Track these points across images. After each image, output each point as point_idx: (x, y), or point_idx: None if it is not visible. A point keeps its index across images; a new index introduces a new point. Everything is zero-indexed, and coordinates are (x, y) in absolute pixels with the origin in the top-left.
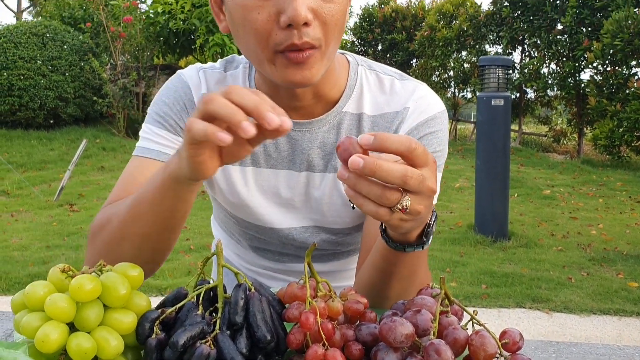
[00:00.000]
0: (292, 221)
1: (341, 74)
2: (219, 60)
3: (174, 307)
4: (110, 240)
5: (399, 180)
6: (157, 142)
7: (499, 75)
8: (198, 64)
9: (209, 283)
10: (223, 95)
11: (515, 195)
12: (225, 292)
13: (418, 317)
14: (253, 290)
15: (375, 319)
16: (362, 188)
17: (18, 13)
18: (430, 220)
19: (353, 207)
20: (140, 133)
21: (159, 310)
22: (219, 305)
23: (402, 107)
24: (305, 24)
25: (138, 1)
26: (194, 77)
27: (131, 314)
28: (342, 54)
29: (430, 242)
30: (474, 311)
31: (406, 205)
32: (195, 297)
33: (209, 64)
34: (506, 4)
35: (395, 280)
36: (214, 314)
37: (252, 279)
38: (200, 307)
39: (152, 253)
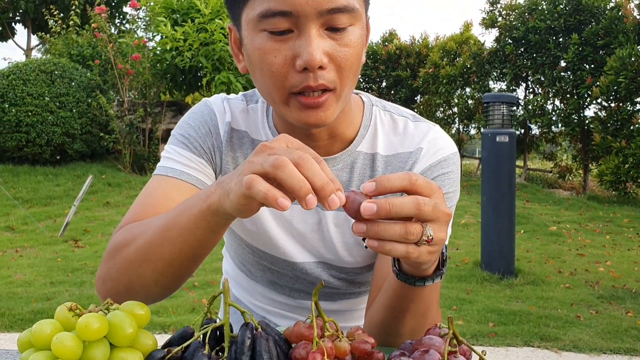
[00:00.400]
0: (305, 255)
1: (356, 114)
2: (240, 92)
3: (180, 347)
4: (133, 259)
5: (414, 209)
6: (180, 162)
7: (503, 112)
8: (223, 94)
9: (215, 322)
10: (293, 162)
11: (522, 231)
12: (231, 331)
13: (426, 357)
14: (260, 329)
15: (383, 359)
16: (385, 232)
17: (27, 50)
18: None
19: (366, 247)
20: (163, 154)
21: (165, 350)
22: (226, 344)
23: (415, 148)
24: (321, 67)
25: (146, 39)
26: (219, 105)
27: (137, 354)
28: (357, 93)
29: (446, 270)
30: (482, 351)
31: (431, 235)
32: (201, 336)
33: (232, 94)
34: (509, 41)
35: (410, 316)
36: (221, 354)
37: (259, 318)
38: (207, 346)
39: (171, 279)
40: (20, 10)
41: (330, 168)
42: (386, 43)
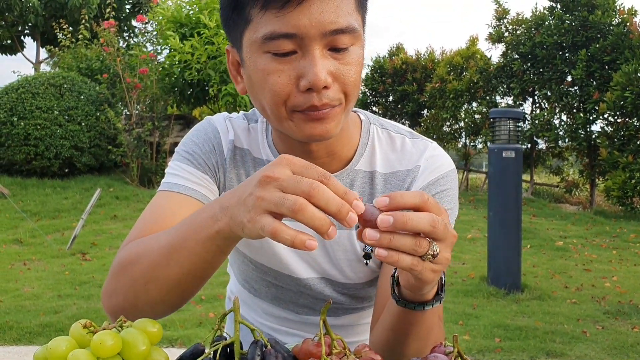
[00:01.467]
0: (309, 271)
1: (354, 132)
2: (241, 112)
3: None
4: (139, 278)
5: (429, 227)
6: (184, 177)
7: (509, 128)
8: (225, 113)
9: (226, 339)
10: (305, 195)
11: (528, 246)
12: (241, 348)
13: None
14: (269, 346)
15: None
16: (396, 242)
17: (36, 64)
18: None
19: (367, 264)
20: (167, 170)
21: None
22: None
23: (413, 166)
24: (325, 87)
25: (155, 53)
26: (222, 123)
27: None
28: (355, 111)
29: (444, 295)
30: None
31: (436, 252)
32: (212, 353)
33: (234, 113)
34: (516, 56)
35: (412, 339)
36: None
37: (268, 335)
38: None
39: (177, 298)
40: (30, 24)
41: None
42: (392, 57)
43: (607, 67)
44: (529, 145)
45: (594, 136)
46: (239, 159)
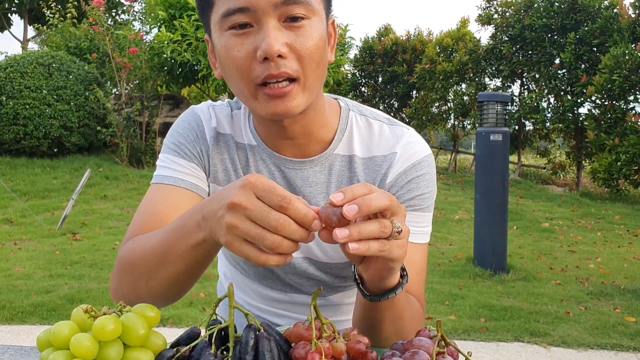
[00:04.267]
0: None
1: (332, 117)
2: (227, 99)
3: (188, 346)
4: (140, 277)
5: (388, 202)
6: (174, 169)
7: (497, 111)
8: (209, 101)
9: (221, 323)
10: (274, 230)
11: (514, 227)
12: (235, 331)
13: (416, 357)
14: (262, 330)
15: (376, 358)
16: (365, 231)
17: (24, 42)
18: None
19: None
20: (158, 163)
21: (174, 349)
22: (230, 344)
23: (390, 152)
24: (280, 56)
25: (143, 33)
26: (205, 111)
27: (149, 353)
28: (335, 99)
29: (406, 281)
30: (468, 352)
31: (399, 227)
32: (207, 337)
33: (219, 101)
34: (505, 39)
35: (387, 323)
36: (226, 353)
37: (260, 319)
38: (213, 346)
39: (177, 291)
40: (17, 1)
41: (310, 169)
42: (382, 38)
43: (595, 50)
44: (517, 127)
45: (581, 119)
46: (223, 144)
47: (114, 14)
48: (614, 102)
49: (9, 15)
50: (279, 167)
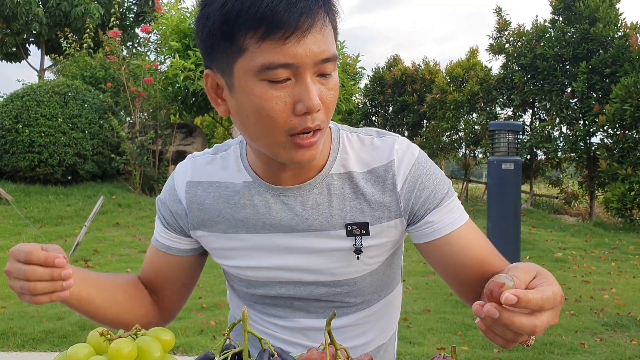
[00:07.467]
0: (296, 274)
1: (325, 140)
2: (215, 145)
3: None
4: None
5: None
6: (156, 230)
7: (509, 140)
8: (195, 152)
9: (235, 348)
10: (26, 279)
11: (527, 257)
12: (249, 356)
13: None
14: (276, 355)
15: None
16: (503, 332)
17: (40, 71)
18: None
19: (358, 258)
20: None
21: None
22: None
23: (388, 160)
24: (317, 110)
25: (158, 62)
26: (183, 168)
27: None
28: None
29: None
30: None
31: (530, 343)
32: None
33: (204, 150)
34: (517, 68)
35: None
36: None
37: (274, 345)
38: None
39: (154, 319)
40: (34, 32)
41: (309, 193)
42: (391, 68)
43: (607, 79)
44: (529, 157)
45: (593, 148)
46: (201, 193)
47: (129, 45)
48: (626, 131)
49: (27, 45)
50: (278, 197)
